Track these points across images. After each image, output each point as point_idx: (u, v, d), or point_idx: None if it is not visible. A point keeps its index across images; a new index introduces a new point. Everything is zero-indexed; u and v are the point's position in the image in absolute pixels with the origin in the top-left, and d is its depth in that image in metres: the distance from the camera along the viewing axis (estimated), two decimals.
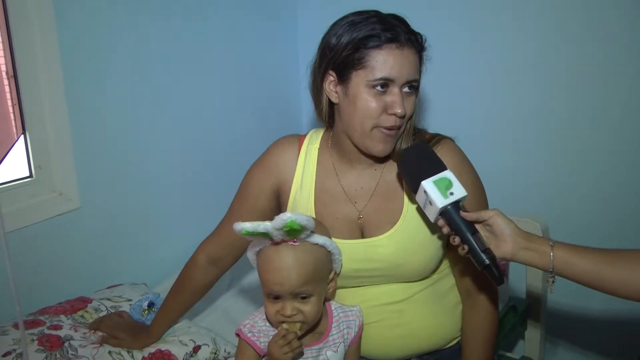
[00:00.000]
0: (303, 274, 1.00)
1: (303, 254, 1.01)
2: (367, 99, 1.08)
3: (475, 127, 1.89)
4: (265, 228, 0.95)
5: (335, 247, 1.07)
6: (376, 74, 1.06)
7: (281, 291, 1.00)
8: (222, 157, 1.92)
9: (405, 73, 1.07)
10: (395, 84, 1.07)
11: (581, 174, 1.80)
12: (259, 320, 1.09)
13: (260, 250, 1.03)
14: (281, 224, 0.94)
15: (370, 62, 1.06)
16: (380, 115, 1.08)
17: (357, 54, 1.07)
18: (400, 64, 1.06)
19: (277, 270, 1.00)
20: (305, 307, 1.02)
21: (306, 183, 1.21)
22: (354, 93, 1.09)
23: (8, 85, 1.44)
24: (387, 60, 1.06)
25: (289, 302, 1.01)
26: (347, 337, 1.12)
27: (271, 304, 1.03)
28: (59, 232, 1.48)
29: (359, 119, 1.09)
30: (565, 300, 1.89)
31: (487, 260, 0.97)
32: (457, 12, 1.87)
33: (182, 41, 1.74)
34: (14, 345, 1.19)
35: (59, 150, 1.47)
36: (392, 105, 1.07)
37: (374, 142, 1.11)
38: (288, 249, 1.00)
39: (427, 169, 1.02)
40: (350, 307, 1.15)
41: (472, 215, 1.00)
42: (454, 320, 1.25)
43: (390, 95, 1.07)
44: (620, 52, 1.66)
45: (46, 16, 1.39)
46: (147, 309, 1.41)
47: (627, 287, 0.93)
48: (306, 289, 1.01)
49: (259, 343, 1.07)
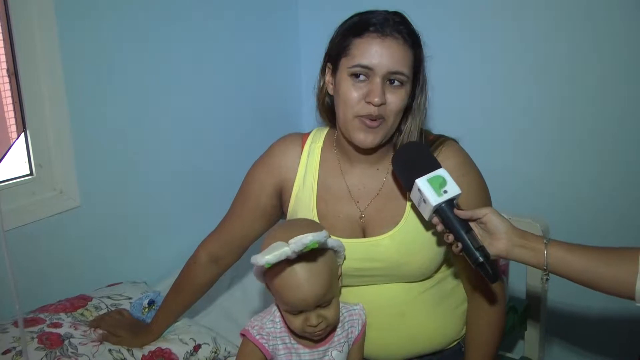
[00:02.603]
0: (323, 284, 1.00)
1: (316, 263, 1.00)
2: (348, 87, 1.09)
3: (475, 127, 1.89)
4: (286, 254, 0.94)
5: (340, 245, 1.07)
6: (355, 60, 1.07)
7: (306, 306, 1.00)
8: (222, 156, 1.92)
9: (386, 63, 1.06)
10: (375, 73, 1.07)
11: (581, 174, 1.80)
12: (267, 322, 1.09)
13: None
14: (301, 247, 0.94)
15: (352, 50, 1.08)
16: (359, 103, 1.08)
17: (345, 42, 1.09)
18: (379, 53, 1.06)
19: (298, 287, 0.99)
20: (328, 313, 1.02)
21: (308, 182, 1.21)
22: (339, 81, 1.11)
23: (9, 83, 1.44)
24: (368, 48, 1.06)
25: (312, 312, 1.01)
26: (351, 336, 1.12)
27: (294, 317, 1.02)
28: (59, 231, 1.48)
29: (342, 107, 1.11)
30: (565, 301, 1.89)
31: (480, 258, 0.97)
32: (457, 12, 1.87)
33: (183, 40, 1.74)
34: (14, 343, 1.19)
35: (60, 148, 1.47)
36: (369, 94, 1.07)
37: (355, 131, 1.11)
38: (302, 263, 0.99)
39: (421, 167, 1.02)
40: (353, 305, 1.15)
41: (466, 213, 1.00)
42: (455, 321, 1.25)
43: (371, 83, 1.07)
44: (620, 53, 1.66)
45: (47, 14, 1.39)
46: (148, 306, 1.41)
47: (622, 285, 0.92)
48: (328, 297, 1.01)
49: (268, 346, 1.06)
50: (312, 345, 1.07)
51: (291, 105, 2.22)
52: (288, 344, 1.07)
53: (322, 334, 1.04)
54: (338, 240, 1.08)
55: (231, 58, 1.92)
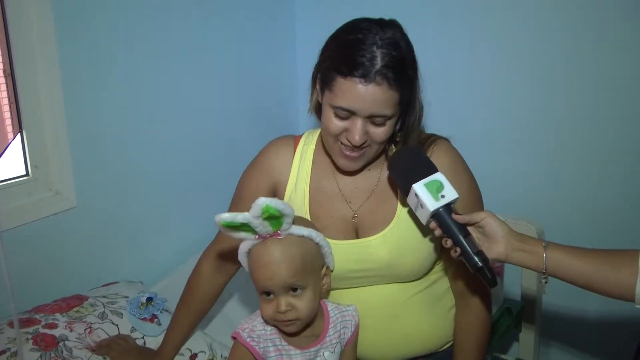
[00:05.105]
0: (292, 266, 1.00)
1: (290, 246, 1.01)
2: (330, 118, 1.08)
3: (472, 130, 1.89)
4: (244, 218, 0.97)
5: (323, 239, 1.07)
6: (337, 101, 1.06)
7: (273, 285, 1.01)
8: (219, 157, 1.92)
9: (368, 108, 1.04)
10: (357, 116, 1.05)
11: (578, 177, 1.80)
12: (258, 324, 1.09)
13: (249, 251, 1.04)
14: (258, 210, 0.96)
15: (335, 88, 1.05)
16: (340, 134, 1.09)
17: (329, 74, 1.07)
18: (361, 99, 1.03)
19: (267, 265, 1.01)
20: (298, 303, 1.02)
21: (301, 184, 1.21)
22: (323, 107, 1.11)
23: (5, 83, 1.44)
24: (349, 92, 1.03)
25: (282, 297, 1.01)
26: (343, 337, 1.12)
27: (266, 303, 1.03)
28: (55, 231, 1.47)
29: (324, 131, 1.12)
30: (560, 303, 1.89)
31: (479, 263, 0.97)
32: (456, 13, 1.87)
33: (180, 42, 1.74)
34: (9, 344, 1.19)
35: (56, 149, 1.46)
36: (350, 132, 1.07)
37: (336, 155, 1.13)
38: (275, 243, 1.01)
39: (418, 172, 1.02)
40: (346, 306, 1.15)
41: (464, 218, 1.00)
42: (448, 323, 1.25)
43: (352, 122, 1.06)
44: (619, 55, 1.66)
45: (44, 15, 1.38)
46: (146, 302, 1.40)
47: (622, 287, 0.93)
48: (297, 281, 1.01)
49: (259, 348, 1.06)
50: (303, 346, 1.07)
51: (289, 106, 2.22)
52: (279, 346, 1.07)
53: (292, 327, 1.04)
54: (321, 235, 1.07)
55: (228, 58, 1.92)
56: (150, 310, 1.40)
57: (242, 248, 1.05)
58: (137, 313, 1.39)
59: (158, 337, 1.36)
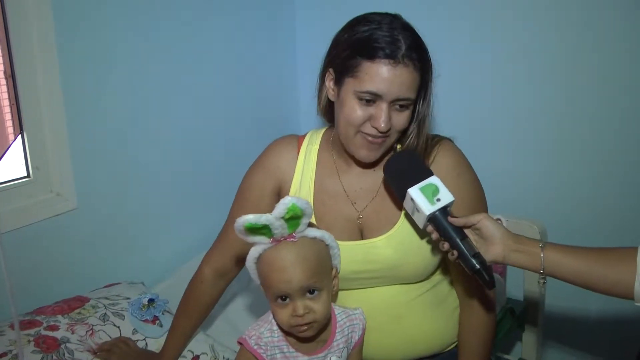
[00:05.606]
0: (309, 268, 0.98)
1: (304, 248, 0.99)
2: (353, 107, 1.07)
3: (474, 129, 1.89)
4: (268, 219, 0.94)
5: (333, 240, 1.06)
6: (364, 86, 1.05)
7: (289, 289, 0.98)
8: (219, 157, 1.91)
9: (395, 91, 1.04)
10: (383, 99, 1.05)
11: (579, 177, 1.80)
12: (265, 332, 1.06)
13: (259, 256, 1.01)
14: (284, 209, 0.93)
15: (360, 73, 1.05)
16: (364, 123, 1.08)
17: (352, 60, 1.06)
18: (389, 81, 1.03)
19: (283, 269, 0.98)
20: (315, 305, 0.99)
21: (305, 183, 1.21)
22: (343, 97, 1.09)
23: (6, 84, 1.44)
24: (377, 75, 1.03)
25: (299, 300, 0.99)
26: (351, 341, 1.11)
27: (281, 308, 1.00)
28: (56, 233, 1.47)
29: (344, 123, 1.10)
30: (562, 303, 1.89)
31: (477, 265, 0.97)
32: (456, 13, 1.87)
33: (180, 42, 1.74)
34: (10, 346, 1.18)
35: (57, 151, 1.46)
36: (376, 119, 1.06)
37: (357, 147, 1.11)
38: (288, 246, 0.99)
39: (413, 176, 1.02)
40: (353, 310, 1.14)
41: (460, 221, 1.00)
42: (452, 324, 1.24)
43: (377, 108, 1.06)
44: (620, 55, 1.66)
45: (44, 16, 1.38)
46: (147, 304, 1.40)
47: (621, 285, 0.92)
48: (314, 282, 0.99)
49: (266, 356, 1.05)
50: (311, 352, 1.06)
51: (289, 106, 2.22)
52: (286, 353, 1.06)
53: (309, 331, 1.01)
54: (332, 236, 1.05)
55: (229, 59, 1.92)
56: (152, 311, 1.40)
57: (252, 254, 1.01)
58: (138, 314, 1.38)
59: (160, 339, 1.35)
